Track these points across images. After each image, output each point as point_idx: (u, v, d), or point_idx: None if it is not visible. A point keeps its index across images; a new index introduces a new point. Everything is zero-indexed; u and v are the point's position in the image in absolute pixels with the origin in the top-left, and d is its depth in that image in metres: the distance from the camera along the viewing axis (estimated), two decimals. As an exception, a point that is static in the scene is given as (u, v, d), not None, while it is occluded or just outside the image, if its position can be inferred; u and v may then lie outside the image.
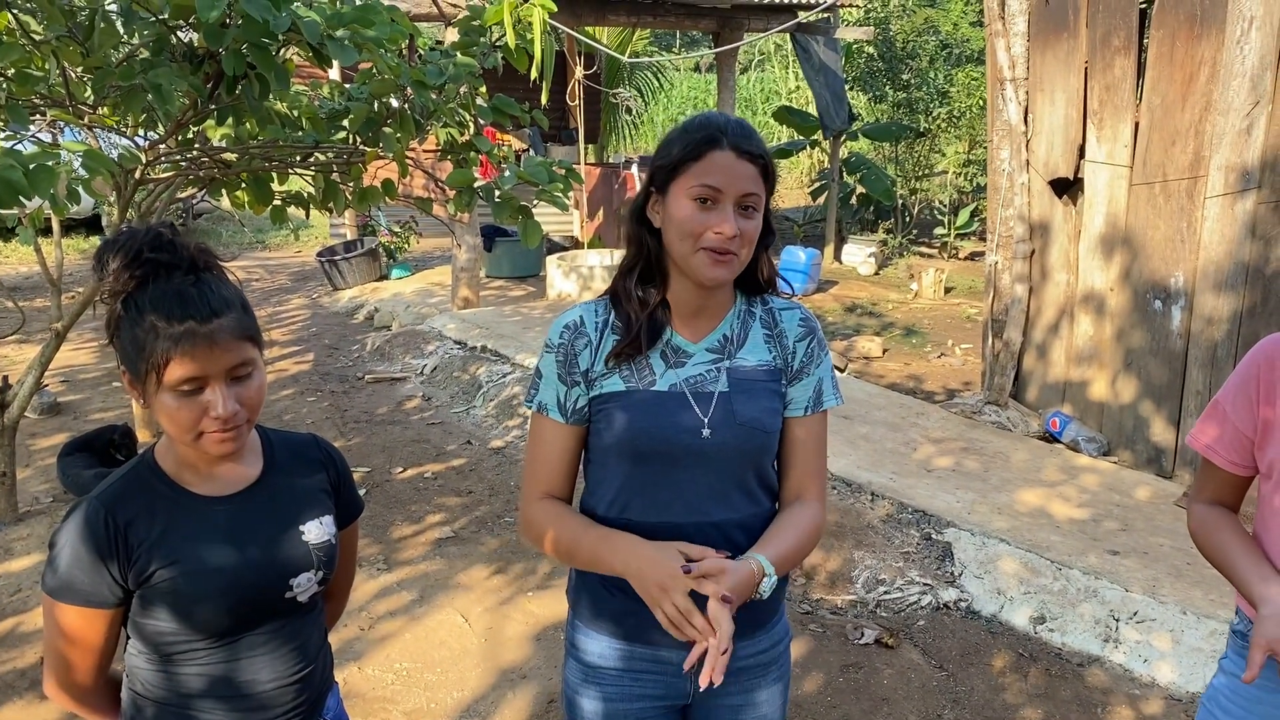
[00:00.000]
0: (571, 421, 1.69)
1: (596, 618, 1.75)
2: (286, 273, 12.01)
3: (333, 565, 1.68)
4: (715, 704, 1.80)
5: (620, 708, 1.75)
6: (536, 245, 3.63)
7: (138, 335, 1.45)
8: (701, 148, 1.58)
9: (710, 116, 1.63)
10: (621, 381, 1.66)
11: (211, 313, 1.46)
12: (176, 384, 1.45)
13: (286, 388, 7.17)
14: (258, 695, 1.61)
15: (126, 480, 1.55)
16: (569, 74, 11.25)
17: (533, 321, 8.38)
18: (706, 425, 1.64)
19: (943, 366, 7.75)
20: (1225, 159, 4.84)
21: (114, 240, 1.49)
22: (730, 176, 1.56)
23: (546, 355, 1.70)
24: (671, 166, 1.61)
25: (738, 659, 1.73)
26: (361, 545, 4.50)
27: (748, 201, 1.58)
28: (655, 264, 1.67)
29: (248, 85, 3.14)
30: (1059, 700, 3.42)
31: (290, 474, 1.67)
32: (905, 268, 11.59)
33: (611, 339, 1.68)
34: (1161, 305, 5.25)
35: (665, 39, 23.43)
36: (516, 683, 3.51)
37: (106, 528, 1.49)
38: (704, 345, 1.69)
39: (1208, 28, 4.86)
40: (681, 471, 1.65)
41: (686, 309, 1.69)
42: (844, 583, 4.12)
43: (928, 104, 12.62)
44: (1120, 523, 4.47)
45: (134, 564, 1.51)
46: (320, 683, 1.73)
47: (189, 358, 1.44)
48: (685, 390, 1.66)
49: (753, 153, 1.58)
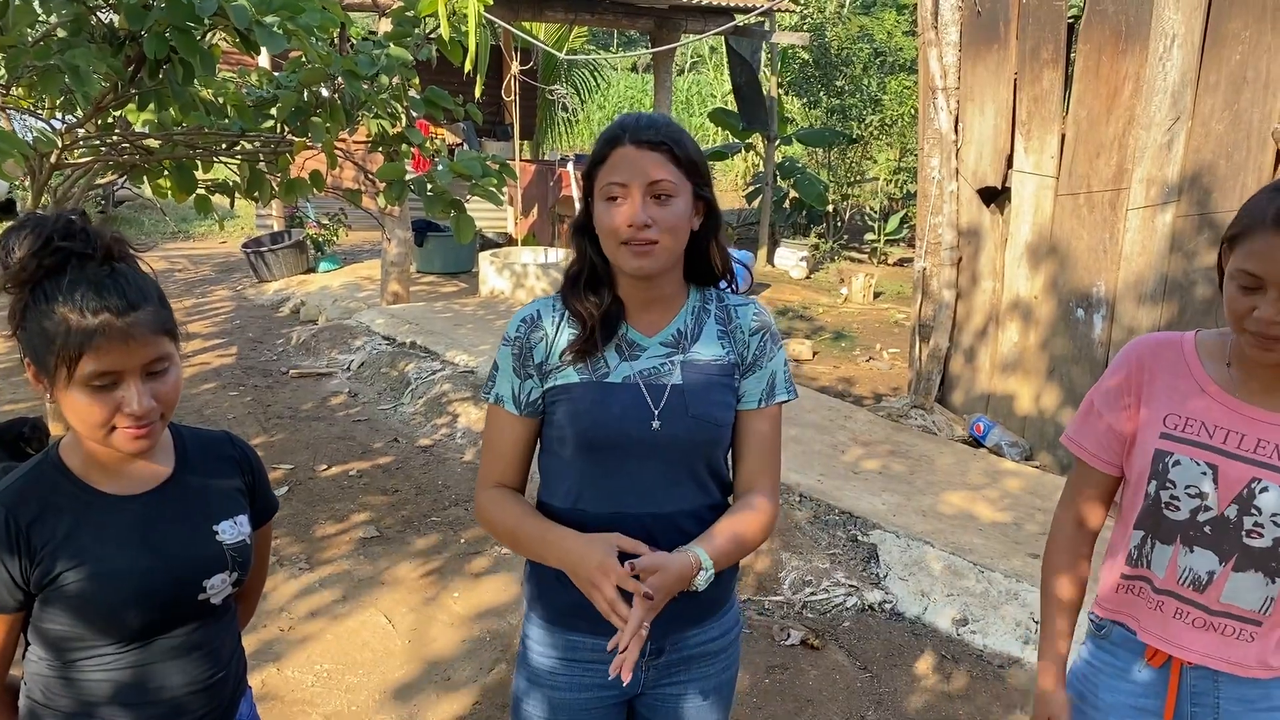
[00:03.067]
0: (525, 414, 1.73)
1: (543, 608, 1.79)
2: (211, 264, 11.74)
3: (247, 566, 1.63)
4: (664, 692, 1.81)
5: (567, 698, 1.78)
6: (469, 241, 3.58)
7: (46, 327, 1.39)
8: (605, 149, 1.63)
9: (621, 120, 1.67)
10: (575, 374, 1.68)
11: (128, 305, 1.40)
12: (89, 379, 1.39)
13: (208, 381, 7.00)
14: (168, 701, 1.55)
15: (29, 478, 1.49)
16: (505, 69, 11.16)
17: (464, 318, 8.30)
18: (657, 417, 1.66)
19: (871, 370, 7.85)
20: (1147, 172, 4.96)
21: (20, 226, 1.43)
22: (633, 169, 1.60)
23: (504, 348, 1.73)
24: (588, 173, 1.67)
25: (688, 647, 1.77)
26: (283, 544, 4.41)
27: (658, 189, 1.60)
28: (604, 270, 1.70)
29: (171, 69, 3.05)
30: (980, 701, 3.47)
31: (203, 472, 1.62)
32: (836, 272, 11.72)
33: (568, 331, 1.70)
34: (1084, 314, 5.37)
35: (603, 38, 23.40)
36: (441, 683, 3.45)
37: (7, 529, 1.43)
38: (658, 339, 1.72)
39: (1132, 44, 4.98)
40: (633, 462, 1.67)
41: (637, 304, 1.72)
42: (771, 583, 4.13)
43: (860, 111, 12.77)
44: (1042, 526, 4.55)
45: (37, 566, 1.44)
46: (233, 688, 1.67)
47: (103, 352, 1.38)
48: (639, 381, 1.68)
49: (653, 141, 1.61)
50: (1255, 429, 1.66)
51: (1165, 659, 1.76)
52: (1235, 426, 1.67)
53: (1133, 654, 1.80)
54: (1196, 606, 1.72)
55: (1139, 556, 1.78)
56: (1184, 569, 1.72)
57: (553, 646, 1.78)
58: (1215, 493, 1.68)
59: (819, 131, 12.87)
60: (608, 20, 10.70)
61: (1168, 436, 1.72)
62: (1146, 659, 1.78)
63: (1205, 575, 1.70)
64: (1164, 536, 1.74)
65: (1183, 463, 1.70)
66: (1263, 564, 1.67)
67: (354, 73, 3.35)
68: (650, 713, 1.84)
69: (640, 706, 1.85)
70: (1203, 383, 1.72)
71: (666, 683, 1.80)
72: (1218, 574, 1.69)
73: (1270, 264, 1.52)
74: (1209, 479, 1.68)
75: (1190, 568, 1.71)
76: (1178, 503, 1.71)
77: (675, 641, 1.76)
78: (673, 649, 1.77)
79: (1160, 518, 1.73)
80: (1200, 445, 1.69)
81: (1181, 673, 1.75)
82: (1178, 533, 1.72)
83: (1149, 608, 1.77)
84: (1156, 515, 1.74)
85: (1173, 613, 1.74)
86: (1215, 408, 1.70)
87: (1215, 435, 1.69)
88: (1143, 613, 1.78)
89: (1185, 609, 1.73)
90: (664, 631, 1.72)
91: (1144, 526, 1.76)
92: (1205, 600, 1.71)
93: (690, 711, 1.83)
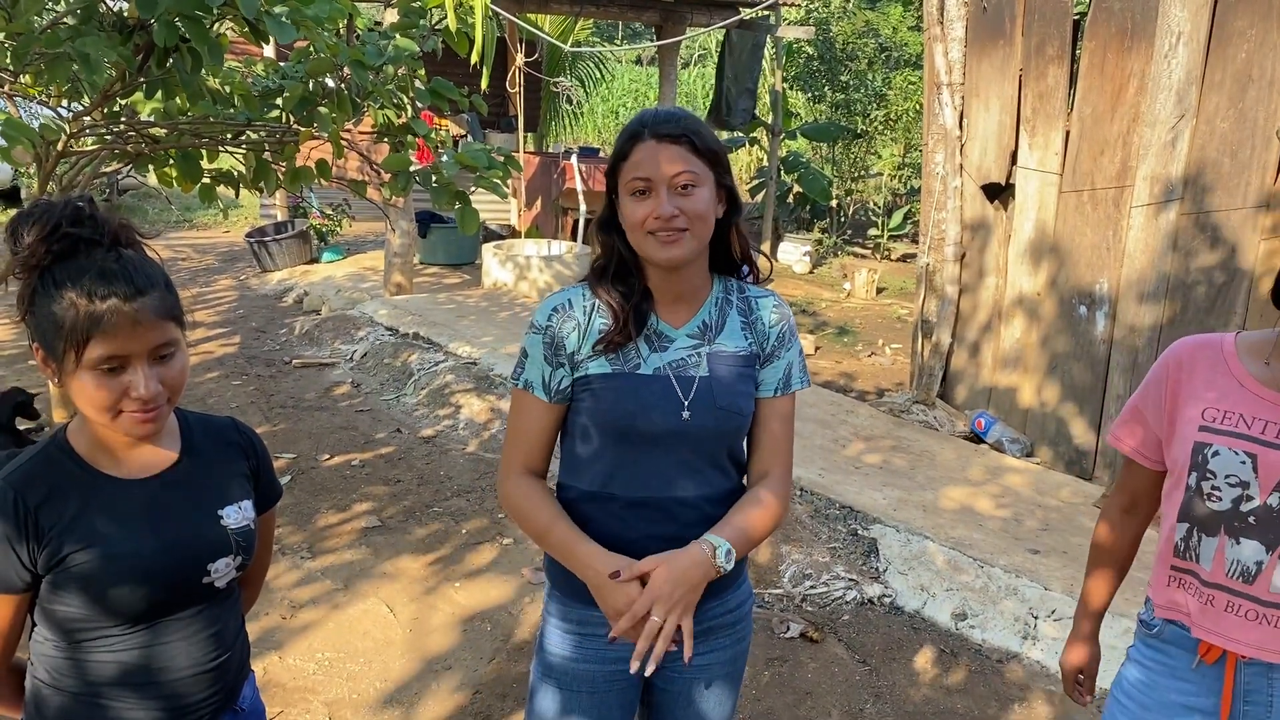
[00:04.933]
0: (555, 401, 1.77)
1: (564, 585, 1.83)
2: (214, 253, 11.75)
3: (251, 551, 1.65)
4: (679, 665, 1.84)
5: (586, 669, 1.83)
6: (474, 232, 3.59)
7: (55, 312, 1.40)
8: (628, 145, 1.67)
9: (641, 115, 1.70)
10: (608, 364, 1.73)
11: (136, 291, 1.41)
12: (97, 363, 1.40)
13: (211, 370, 7.01)
14: (173, 683, 1.57)
15: (37, 461, 1.50)
16: (509, 61, 11.16)
17: (467, 310, 8.31)
18: (687, 408, 1.72)
19: (873, 365, 7.85)
20: (1151, 170, 4.96)
21: (29, 212, 1.44)
22: (656, 163, 1.64)
23: (534, 336, 1.76)
24: (612, 170, 1.71)
25: (702, 620, 1.81)
26: (285, 533, 4.43)
27: (681, 180, 1.64)
28: (632, 262, 1.73)
29: (179, 58, 3.05)
30: (978, 695, 3.48)
31: (209, 458, 1.64)
32: (839, 267, 11.72)
33: (599, 321, 1.74)
34: (1086, 311, 5.38)
35: (607, 30, 23.36)
36: (441, 673, 3.47)
37: (16, 510, 1.44)
38: (685, 331, 1.77)
39: (1138, 41, 4.98)
40: (661, 450, 1.73)
41: (666, 295, 1.76)
42: (771, 577, 4.15)
43: (865, 106, 12.77)
44: (1041, 522, 4.57)
45: (45, 547, 1.46)
46: (237, 671, 1.69)
47: (111, 336, 1.40)
48: (669, 373, 1.73)
49: (674, 134, 1.65)
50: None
51: (1220, 654, 1.77)
52: (1274, 417, 1.70)
53: (1186, 651, 1.82)
54: (1247, 599, 1.74)
55: (1185, 549, 1.80)
56: (1231, 561, 1.74)
57: (572, 621, 1.83)
58: (1256, 481, 1.70)
59: (823, 126, 12.86)
60: (613, 12, 10.70)
61: (1206, 429, 1.75)
62: (1200, 654, 1.79)
63: (1254, 565, 1.72)
64: (1208, 529, 1.75)
65: (1222, 453, 1.72)
66: None
67: (361, 62, 3.35)
68: (667, 685, 1.89)
69: (656, 679, 1.89)
70: (1241, 378, 1.74)
71: (682, 656, 1.82)
72: (1266, 563, 1.71)
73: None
74: (1249, 468, 1.70)
75: (1238, 559, 1.73)
76: (1219, 493, 1.73)
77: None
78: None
79: (1203, 509, 1.75)
80: (1239, 436, 1.72)
81: (1237, 668, 1.76)
82: (1221, 523, 1.74)
83: (1200, 603, 1.78)
84: (1199, 506, 1.76)
85: (1224, 606, 1.75)
86: (1253, 399, 1.72)
87: (1254, 426, 1.71)
88: (1194, 608, 1.80)
89: (1237, 602, 1.74)
90: None
91: (1187, 519, 1.78)
92: (1255, 591, 1.73)
93: (704, 684, 1.88)
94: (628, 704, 1.89)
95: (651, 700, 1.93)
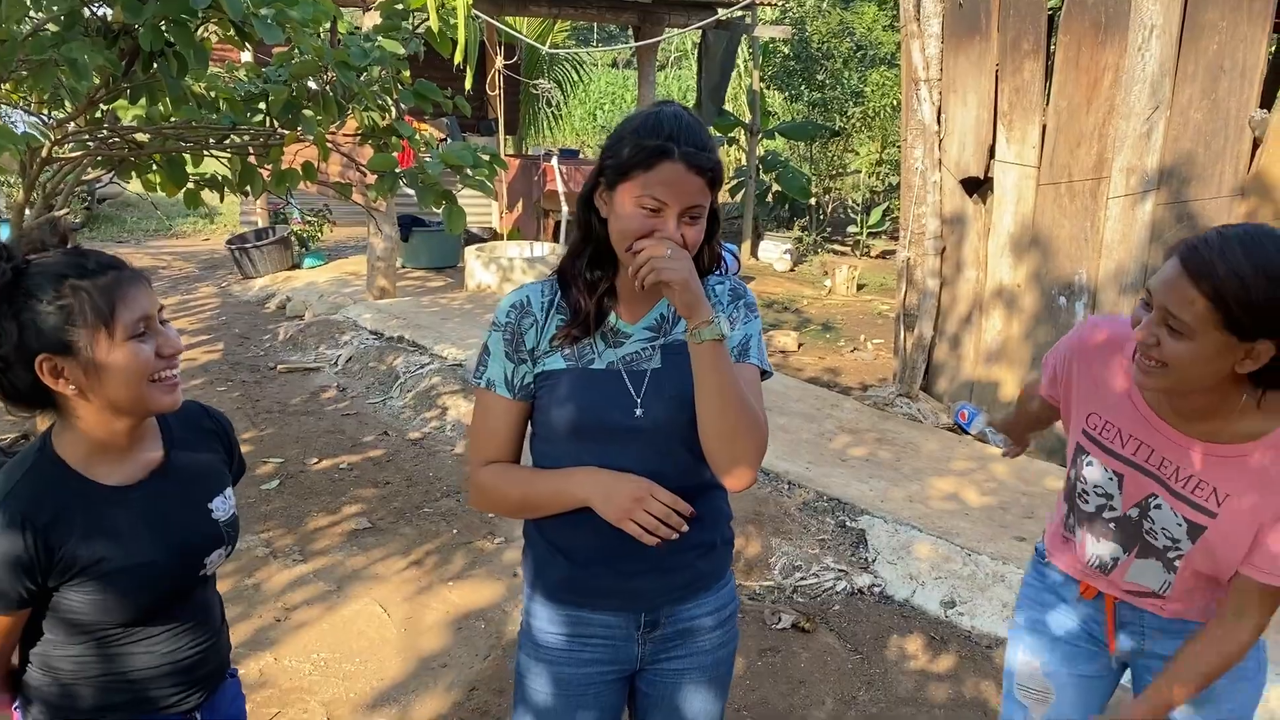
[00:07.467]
0: (518, 397, 1.73)
1: (544, 585, 1.80)
2: (196, 260, 11.70)
3: (236, 539, 1.71)
4: (662, 668, 1.85)
5: (569, 673, 1.80)
6: (460, 231, 3.61)
7: (53, 310, 1.41)
8: (653, 157, 1.55)
9: (663, 119, 1.58)
10: (562, 360, 1.70)
11: (116, 261, 1.48)
12: (133, 327, 1.44)
13: (196, 377, 6.99)
14: (170, 667, 1.63)
15: (33, 480, 1.49)
16: (489, 63, 11.16)
17: (451, 312, 8.31)
18: (639, 405, 1.68)
19: (856, 361, 7.91)
20: (1127, 161, 5.03)
21: None
22: (678, 190, 1.55)
23: (494, 333, 1.72)
24: (620, 168, 1.58)
25: (682, 620, 1.80)
26: (276, 535, 4.44)
27: (694, 212, 1.58)
28: (605, 250, 1.67)
29: (164, 63, 3.06)
30: (968, 681, 3.53)
31: (190, 450, 1.67)
32: (819, 264, 11.78)
33: (557, 319, 1.71)
34: (1066, 302, 5.44)
35: (584, 33, 23.37)
36: (437, 671, 3.49)
37: (24, 534, 1.44)
38: (642, 325, 1.73)
39: (1111, 34, 5.05)
40: (618, 446, 1.69)
41: (631, 295, 1.71)
42: (762, 568, 4.18)
43: (842, 104, 12.83)
44: (1026, 510, 4.62)
45: (55, 566, 1.48)
46: (225, 650, 1.76)
47: (131, 298, 1.45)
48: (621, 369, 1.70)
49: (702, 166, 1.56)
50: (1163, 447, 1.77)
51: (1097, 593, 1.97)
52: (1147, 439, 1.79)
53: (1071, 583, 2.03)
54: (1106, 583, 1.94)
55: (1068, 526, 2.00)
56: (1092, 555, 1.93)
57: (554, 622, 1.80)
58: (1120, 496, 1.85)
59: (801, 125, 12.91)
60: (591, 14, 10.71)
61: (1088, 435, 1.88)
62: (1080, 592, 2.00)
63: (1110, 562, 1.91)
64: (1079, 521, 1.95)
65: (1094, 465, 1.87)
66: (1161, 556, 1.83)
67: (347, 64, 3.37)
68: (650, 688, 1.87)
69: (640, 682, 1.88)
70: (1130, 392, 1.82)
71: (665, 658, 1.83)
72: (1121, 561, 1.89)
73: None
74: (1115, 484, 1.85)
75: (1097, 554, 1.92)
76: (1087, 497, 1.91)
77: (670, 614, 1.79)
78: (668, 622, 1.80)
79: (1076, 503, 1.95)
80: (1112, 454, 1.84)
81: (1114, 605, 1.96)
82: (1087, 522, 1.92)
83: (1080, 566, 1.99)
84: (1073, 499, 1.95)
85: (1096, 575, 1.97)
86: (1133, 415, 1.81)
87: (1128, 445, 1.81)
88: (1075, 567, 2.00)
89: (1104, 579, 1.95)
90: (658, 604, 1.78)
91: (1069, 502, 1.98)
92: (1112, 579, 1.92)
93: (688, 688, 1.86)
94: (613, 706, 1.86)
95: (635, 705, 1.92)
